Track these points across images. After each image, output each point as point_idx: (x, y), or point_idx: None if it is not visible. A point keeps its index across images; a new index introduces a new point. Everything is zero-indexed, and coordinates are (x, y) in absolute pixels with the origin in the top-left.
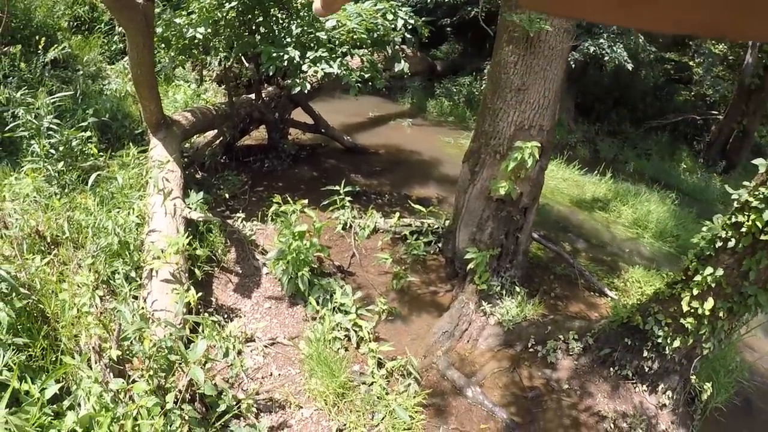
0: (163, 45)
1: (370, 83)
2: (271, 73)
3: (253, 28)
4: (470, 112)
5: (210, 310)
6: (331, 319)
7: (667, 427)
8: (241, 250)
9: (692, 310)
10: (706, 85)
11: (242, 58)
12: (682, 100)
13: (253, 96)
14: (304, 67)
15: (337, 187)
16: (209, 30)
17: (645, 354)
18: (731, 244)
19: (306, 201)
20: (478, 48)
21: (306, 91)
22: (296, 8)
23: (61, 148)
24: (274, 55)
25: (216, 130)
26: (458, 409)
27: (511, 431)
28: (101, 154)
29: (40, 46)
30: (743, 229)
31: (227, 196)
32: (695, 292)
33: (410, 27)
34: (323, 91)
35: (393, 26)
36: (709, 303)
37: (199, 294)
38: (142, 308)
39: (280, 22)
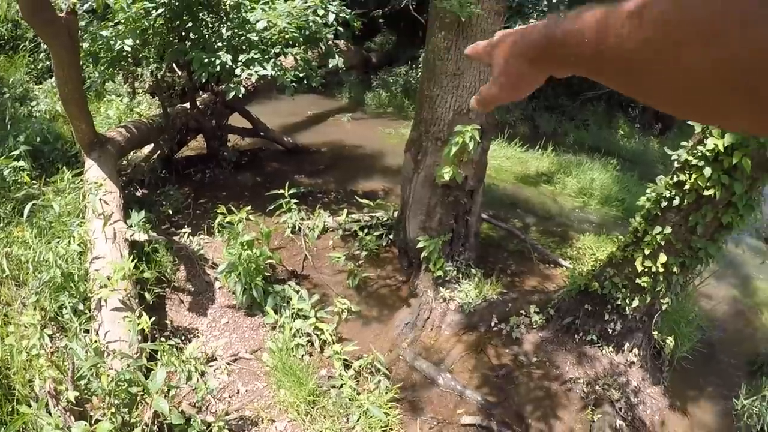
0: (90, 60)
1: (305, 82)
2: (204, 80)
3: (183, 34)
4: (408, 102)
5: (166, 334)
6: (290, 326)
7: (639, 383)
8: (190, 266)
9: (646, 269)
10: None
11: (174, 66)
12: None
13: (187, 105)
14: (238, 71)
15: (281, 191)
16: (138, 41)
17: (606, 317)
18: (676, 202)
19: (250, 208)
20: (411, 37)
21: (241, 96)
22: (225, 11)
23: None
24: (206, 60)
25: (153, 144)
26: (432, 398)
27: (487, 411)
28: (35, 182)
29: None
30: (686, 187)
31: (171, 212)
32: (647, 251)
33: (342, 21)
34: (259, 93)
35: (324, 22)
36: (662, 260)
37: (153, 318)
38: (95, 342)
39: (210, 26)
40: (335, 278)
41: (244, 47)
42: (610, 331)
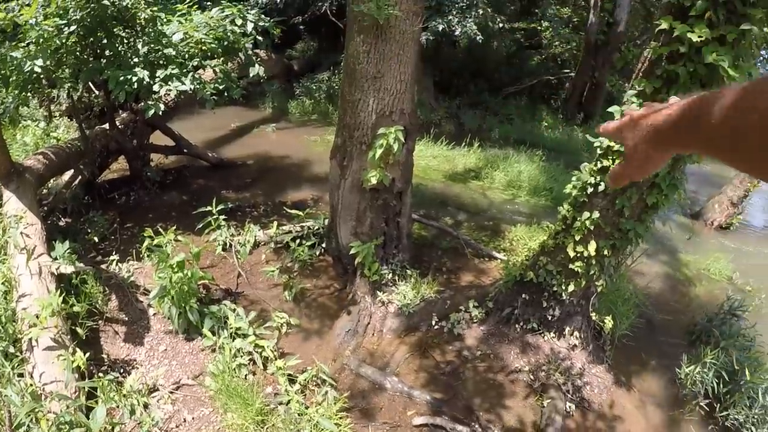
0: (1, 84)
1: (226, 94)
2: (122, 99)
3: (98, 51)
4: (333, 108)
5: (103, 369)
6: (230, 346)
7: (583, 365)
8: (122, 295)
9: (578, 255)
10: (555, 46)
11: (91, 86)
12: (535, 64)
13: (107, 126)
14: (156, 88)
15: (209, 208)
16: (50, 61)
17: (545, 304)
18: (602, 187)
19: (178, 228)
20: (333, 43)
21: (161, 113)
22: (141, 25)
23: None
24: (122, 78)
25: (73, 170)
26: (381, 403)
27: (437, 409)
28: None
29: None
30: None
31: (96, 239)
32: (577, 237)
33: (261, 29)
34: (180, 109)
35: (243, 31)
36: (593, 245)
37: (88, 354)
38: (31, 385)
39: (126, 41)
40: (271, 293)
41: (161, 62)
42: (550, 318)
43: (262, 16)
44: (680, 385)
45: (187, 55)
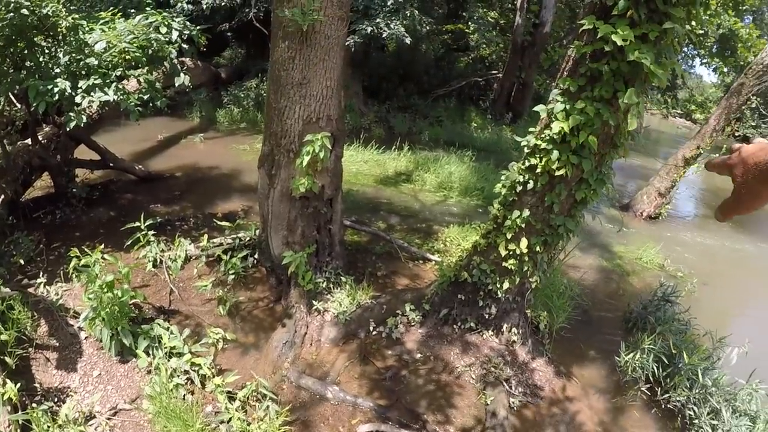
0: None
1: (151, 105)
2: (43, 111)
3: (18, 62)
4: (261, 116)
5: (37, 399)
6: (166, 366)
7: (524, 360)
8: (51, 319)
9: (511, 252)
10: (483, 48)
11: (12, 98)
12: (463, 66)
13: (29, 141)
14: (78, 99)
15: (137, 223)
16: None
17: (481, 303)
18: (531, 185)
19: (106, 246)
20: (261, 49)
21: (84, 125)
22: (63, 33)
23: None
24: (42, 89)
25: None
26: (325, 414)
27: (382, 416)
28: None
29: None
30: (538, 170)
31: (22, 261)
32: (509, 235)
33: (187, 37)
34: (105, 121)
35: (168, 39)
36: (524, 242)
37: (19, 385)
38: None
39: (47, 51)
40: (205, 308)
41: (83, 72)
42: (487, 316)
43: (188, 23)
44: (621, 372)
45: (110, 65)
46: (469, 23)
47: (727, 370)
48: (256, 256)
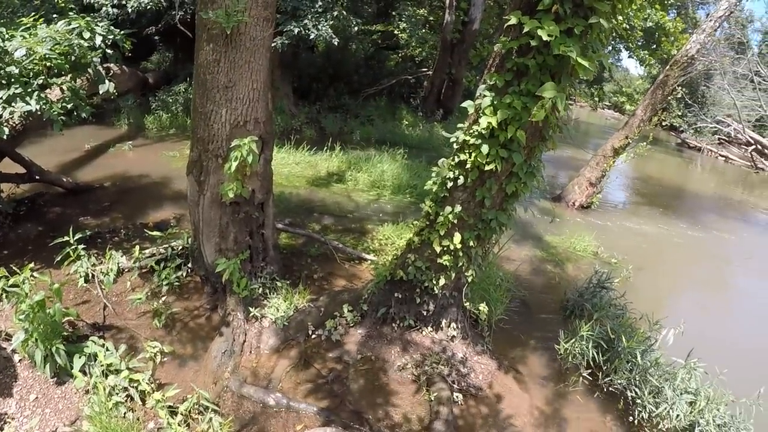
0: None
1: (75, 113)
2: None
3: None
4: (190, 120)
5: None
6: (104, 385)
7: (465, 354)
8: None
9: (445, 248)
10: (413, 47)
11: None
12: (393, 65)
13: None
14: None
15: (66, 238)
16: None
17: (418, 300)
18: (461, 181)
19: (35, 263)
20: (189, 53)
21: (6, 137)
22: None
23: None
24: None
25: None
26: (269, 422)
27: (327, 419)
28: None
29: None
30: (468, 166)
31: None
32: (442, 232)
33: (111, 42)
34: (30, 131)
35: (91, 45)
36: (457, 238)
37: None
38: None
39: None
40: (141, 321)
41: (3, 81)
42: (425, 313)
43: (112, 27)
44: (561, 360)
45: (31, 73)
46: (399, 22)
47: (665, 351)
48: (189, 265)
